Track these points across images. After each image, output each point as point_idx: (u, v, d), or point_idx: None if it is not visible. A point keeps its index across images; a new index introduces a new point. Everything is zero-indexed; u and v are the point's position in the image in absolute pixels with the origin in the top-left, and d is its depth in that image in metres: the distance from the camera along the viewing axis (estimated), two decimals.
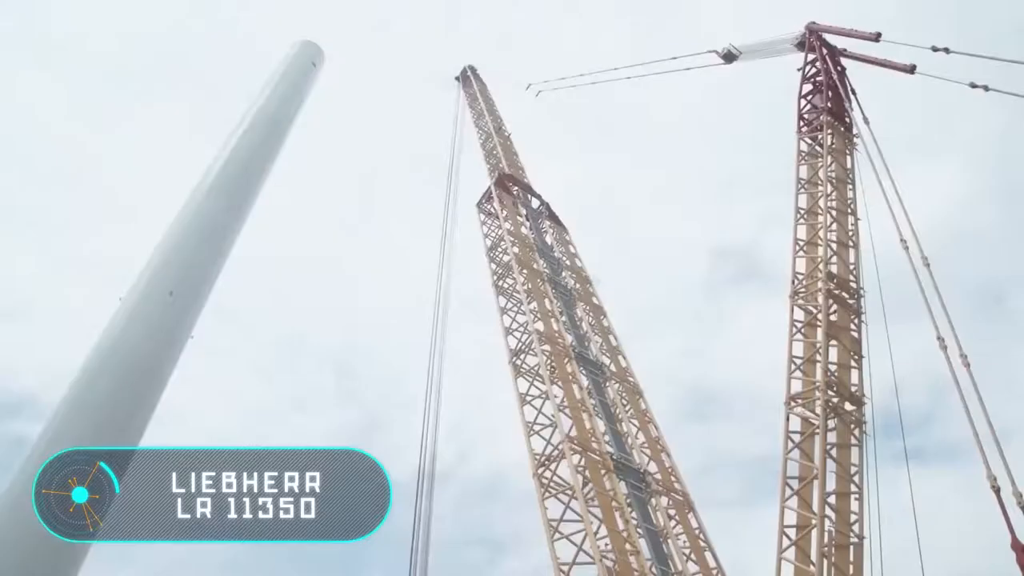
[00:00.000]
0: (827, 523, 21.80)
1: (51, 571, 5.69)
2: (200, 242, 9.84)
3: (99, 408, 7.83)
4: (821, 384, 23.48)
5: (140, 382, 8.54)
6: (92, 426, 7.55)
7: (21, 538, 5.58)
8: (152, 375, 8.72)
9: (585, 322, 33.95)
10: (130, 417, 8.27)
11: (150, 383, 8.70)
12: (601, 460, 28.35)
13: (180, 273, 9.33)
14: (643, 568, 25.89)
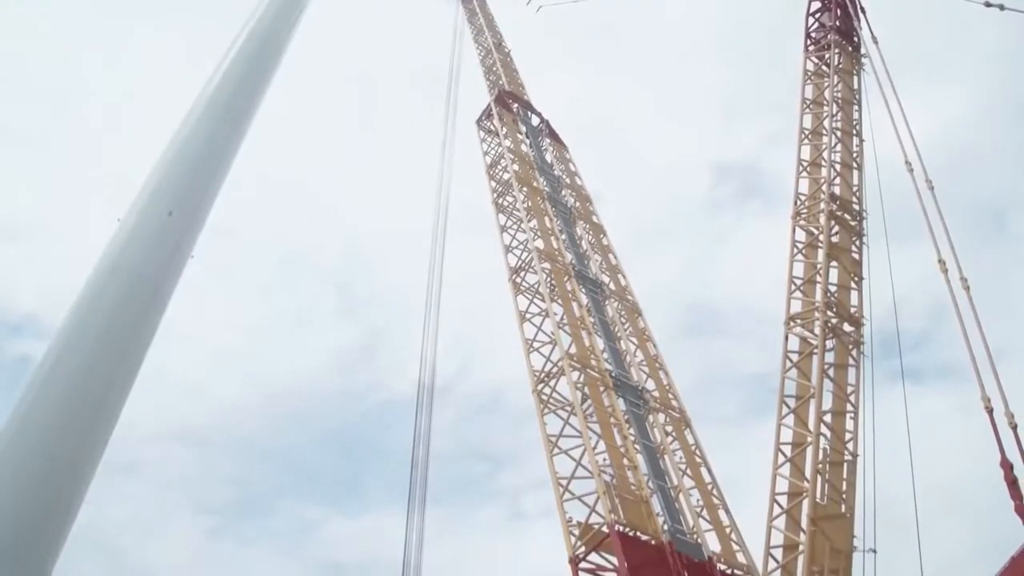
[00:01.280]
0: (822, 441, 22.10)
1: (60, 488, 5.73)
2: (198, 162, 9.74)
3: (101, 329, 7.81)
4: (820, 305, 23.55)
5: (141, 302, 8.51)
6: (95, 347, 7.53)
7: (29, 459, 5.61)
8: (153, 295, 8.68)
9: (585, 240, 33.87)
10: (133, 337, 8.26)
11: (151, 303, 8.68)
12: (600, 377, 28.60)
13: (178, 193, 9.25)
14: (640, 483, 26.31)
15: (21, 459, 5.74)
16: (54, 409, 6.25)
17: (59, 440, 5.98)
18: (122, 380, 7.25)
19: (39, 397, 6.30)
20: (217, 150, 10.09)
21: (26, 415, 6.18)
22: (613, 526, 23.87)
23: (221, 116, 10.40)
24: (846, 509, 21.86)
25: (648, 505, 25.57)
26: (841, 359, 23.38)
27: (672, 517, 26.08)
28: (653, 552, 24.18)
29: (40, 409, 6.19)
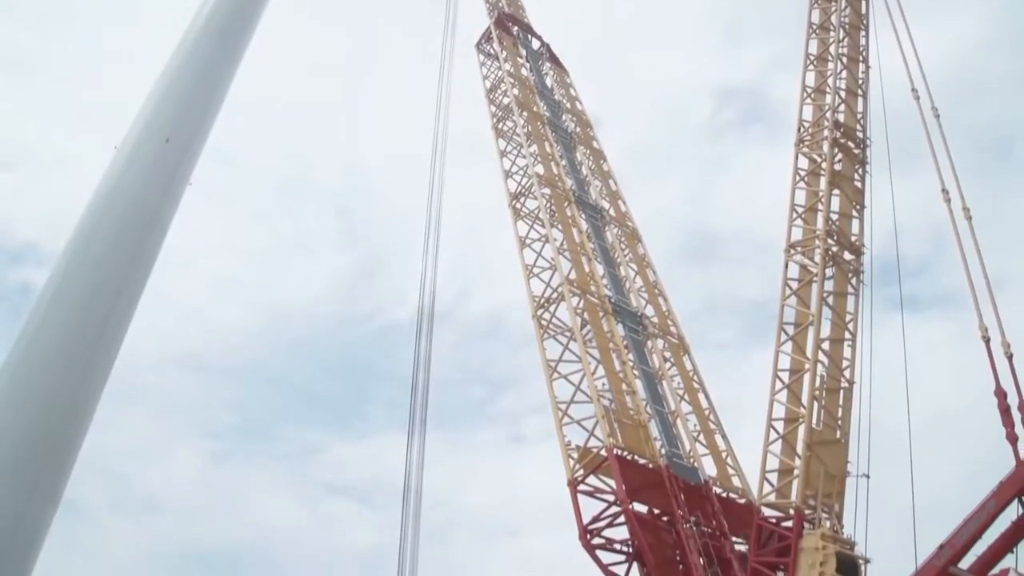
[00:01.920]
0: (820, 368, 22.24)
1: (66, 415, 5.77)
2: (194, 86, 9.59)
3: (102, 256, 7.78)
4: (821, 233, 23.48)
5: (141, 229, 8.48)
6: (96, 274, 7.52)
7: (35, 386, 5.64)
8: (152, 222, 8.65)
9: (585, 166, 33.71)
10: (133, 264, 8.24)
11: (151, 230, 8.64)
12: (599, 303, 28.74)
13: (175, 119, 9.14)
14: (639, 407, 26.64)
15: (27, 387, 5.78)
16: (58, 337, 6.27)
17: (63, 368, 6.00)
18: (124, 307, 7.25)
19: (42, 325, 6.31)
20: (213, 75, 9.95)
21: (30, 343, 6.19)
22: (611, 450, 24.22)
23: (217, 40, 10.22)
24: (841, 435, 22.11)
25: (646, 429, 25.92)
26: (840, 287, 23.40)
27: (669, 441, 26.47)
28: (650, 475, 24.59)
29: (44, 337, 6.21)
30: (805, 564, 20.37)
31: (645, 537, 23.15)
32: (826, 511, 21.42)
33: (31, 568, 4.09)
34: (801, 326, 22.76)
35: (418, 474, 19.50)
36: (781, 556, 21.10)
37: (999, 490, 18.08)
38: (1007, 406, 18.41)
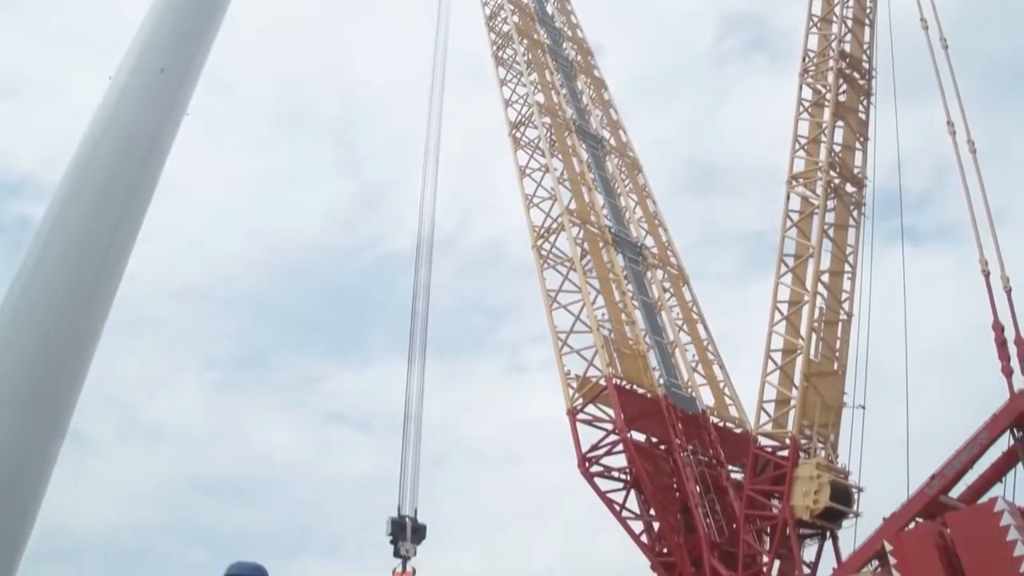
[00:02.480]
0: (819, 300, 22.32)
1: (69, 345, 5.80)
2: (188, 15, 9.41)
3: (100, 187, 7.74)
4: (824, 165, 23.34)
5: (139, 160, 8.41)
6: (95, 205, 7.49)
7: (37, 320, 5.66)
8: (150, 152, 8.57)
9: (585, 95, 33.36)
10: (132, 193, 8.20)
11: (148, 160, 8.57)
12: (600, 233, 28.71)
13: (170, 49, 8.99)
14: (638, 337, 26.80)
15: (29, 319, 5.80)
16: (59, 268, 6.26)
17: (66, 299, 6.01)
18: (124, 237, 7.23)
19: (42, 257, 6.31)
20: (207, 2, 9.76)
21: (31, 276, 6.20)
22: (610, 379, 24.44)
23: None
24: (838, 367, 22.30)
25: (645, 359, 26.12)
26: (842, 219, 23.34)
27: (668, 371, 26.70)
28: (649, 405, 24.85)
29: (45, 269, 6.21)
30: (800, 492, 20.71)
31: (643, 465, 23.48)
32: (821, 441, 21.71)
33: (41, 498, 4.16)
34: (801, 258, 22.78)
35: (418, 401, 19.63)
36: (776, 485, 21.45)
37: (992, 422, 18.29)
38: (1004, 340, 18.53)
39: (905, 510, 18.98)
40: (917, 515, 18.64)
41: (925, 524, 17.88)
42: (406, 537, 17.44)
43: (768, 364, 22.41)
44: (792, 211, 23.48)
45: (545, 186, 29.25)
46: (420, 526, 18.06)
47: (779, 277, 22.96)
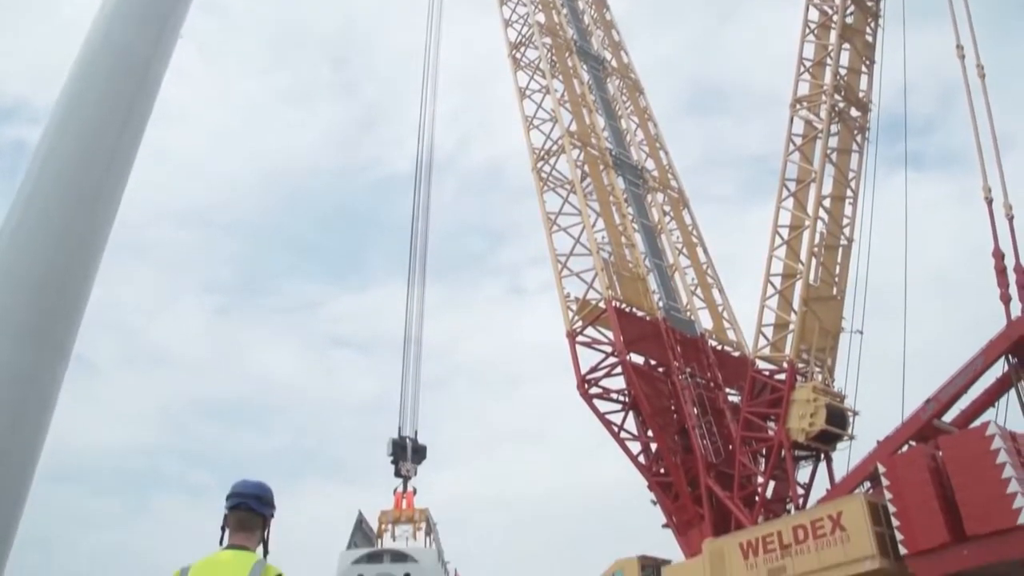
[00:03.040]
0: (820, 225, 22.27)
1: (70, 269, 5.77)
2: None
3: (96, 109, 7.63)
4: (829, 88, 23.01)
5: (134, 82, 8.29)
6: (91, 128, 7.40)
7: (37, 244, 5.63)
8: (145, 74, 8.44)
9: (587, 15, 32.79)
10: (128, 117, 8.11)
11: (144, 82, 8.44)
12: (600, 155, 28.51)
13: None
14: (637, 260, 26.82)
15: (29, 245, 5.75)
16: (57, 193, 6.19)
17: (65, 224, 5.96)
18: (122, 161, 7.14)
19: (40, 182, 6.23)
20: None
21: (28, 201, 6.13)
22: (610, 302, 24.56)
23: None
24: (837, 292, 22.35)
25: (644, 282, 26.19)
26: (845, 144, 23.12)
27: (667, 295, 26.81)
28: (648, 327, 25.01)
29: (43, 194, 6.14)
30: (796, 415, 20.95)
31: (641, 387, 23.73)
32: (819, 365, 21.90)
33: (47, 424, 4.20)
34: (803, 182, 22.65)
35: (418, 323, 19.77)
36: (773, 407, 21.70)
37: (988, 348, 18.42)
38: (1003, 267, 18.55)
39: (899, 433, 19.24)
40: (910, 438, 18.90)
41: (918, 447, 18.13)
42: (407, 458, 17.74)
43: (767, 288, 22.47)
44: (795, 135, 23.27)
45: (545, 108, 28.98)
46: (420, 447, 18.38)
47: (780, 201, 22.87)
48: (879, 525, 17.61)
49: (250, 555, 3.12)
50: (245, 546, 3.16)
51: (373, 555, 15.39)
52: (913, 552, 16.76)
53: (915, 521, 16.76)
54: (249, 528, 3.21)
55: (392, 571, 14.76)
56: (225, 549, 3.17)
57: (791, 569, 18.72)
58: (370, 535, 16.29)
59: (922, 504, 16.68)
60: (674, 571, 21.90)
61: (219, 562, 3.08)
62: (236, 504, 3.25)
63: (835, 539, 18.09)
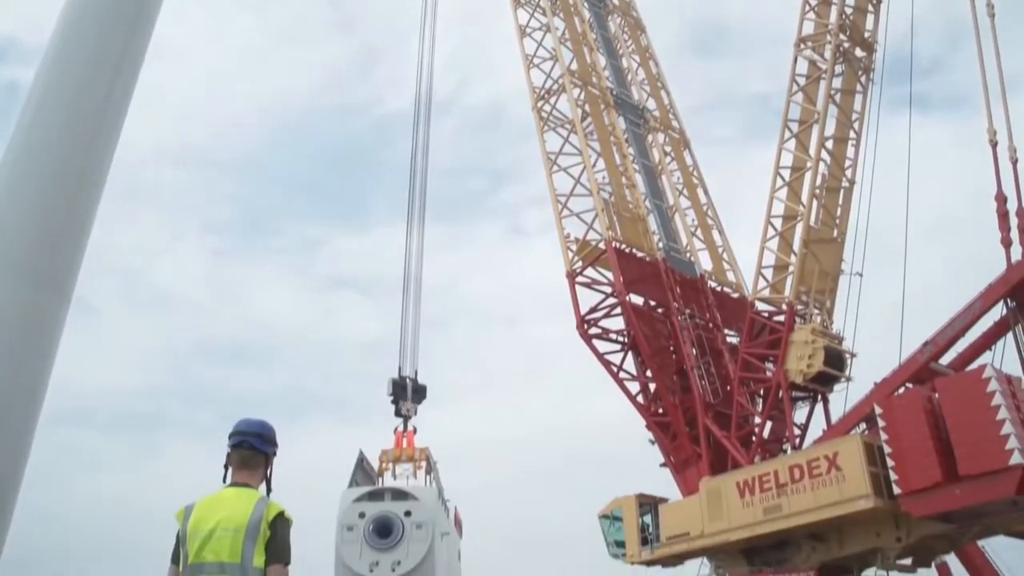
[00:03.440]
0: (821, 166, 22.13)
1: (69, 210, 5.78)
2: None
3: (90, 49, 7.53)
4: (834, 27, 22.69)
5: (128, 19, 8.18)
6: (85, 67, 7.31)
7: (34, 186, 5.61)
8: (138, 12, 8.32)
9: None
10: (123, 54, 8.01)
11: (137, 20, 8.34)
12: (601, 95, 28.26)
13: None
14: (638, 201, 26.75)
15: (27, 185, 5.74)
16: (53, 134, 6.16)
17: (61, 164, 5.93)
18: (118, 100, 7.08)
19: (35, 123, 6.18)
20: None
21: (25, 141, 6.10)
22: (610, 242, 24.56)
23: None
24: (838, 234, 22.30)
25: (644, 223, 26.17)
26: (849, 85, 22.87)
27: (667, 235, 26.80)
28: (647, 268, 25.05)
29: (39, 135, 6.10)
30: (794, 356, 21.06)
31: (640, 327, 23.85)
32: (817, 307, 21.94)
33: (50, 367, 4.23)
34: (806, 123, 22.46)
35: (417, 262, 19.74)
36: (771, 349, 21.81)
37: (987, 291, 18.45)
38: (1006, 211, 18.50)
39: (896, 375, 19.36)
40: (907, 381, 19.03)
41: (914, 389, 18.28)
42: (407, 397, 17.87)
43: (768, 230, 22.42)
44: (799, 75, 23.01)
45: (546, 46, 28.66)
46: (420, 386, 18.49)
47: (782, 142, 22.71)
48: (874, 465, 17.84)
49: (253, 492, 3.16)
50: (248, 484, 3.20)
51: (374, 493, 15.56)
52: (906, 492, 17.00)
53: (909, 461, 16.97)
54: (251, 466, 3.25)
55: (393, 509, 14.94)
56: (228, 487, 3.21)
57: (787, 508, 19.01)
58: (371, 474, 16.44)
59: (917, 445, 16.87)
60: (671, 509, 22.22)
61: (222, 499, 3.13)
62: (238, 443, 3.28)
63: (830, 479, 18.33)
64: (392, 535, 14.50)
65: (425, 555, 14.51)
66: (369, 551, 14.48)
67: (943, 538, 19.09)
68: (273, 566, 2.92)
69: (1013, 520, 17.80)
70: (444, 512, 16.36)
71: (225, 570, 2.92)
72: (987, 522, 18.15)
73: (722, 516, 20.31)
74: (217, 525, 3.00)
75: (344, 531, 14.77)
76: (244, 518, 3.00)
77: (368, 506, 14.82)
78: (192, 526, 3.05)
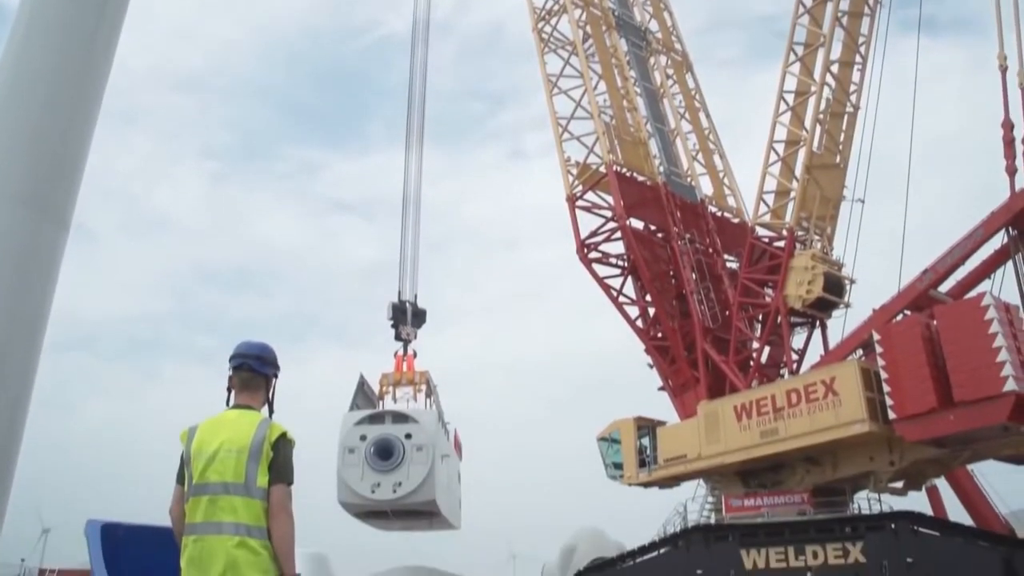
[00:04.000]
0: (826, 91, 21.86)
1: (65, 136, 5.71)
2: None
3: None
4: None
5: None
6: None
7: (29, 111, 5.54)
8: None
9: None
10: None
11: None
12: (602, 16, 27.78)
13: None
14: (639, 125, 26.50)
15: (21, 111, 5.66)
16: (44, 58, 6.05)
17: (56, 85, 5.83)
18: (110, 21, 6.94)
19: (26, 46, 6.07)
20: None
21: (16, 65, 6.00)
22: (611, 166, 24.42)
23: None
24: (840, 160, 22.13)
25: (645, 147, 25.98)
26: (856, 7, 22.39)
27: (668, 160, 26.63)
28: (648, 192, 24.95)
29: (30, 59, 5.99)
30: (794, 282, 21.12)
31: (640, 252, 23.86)
32: (818, 233, 21.92)
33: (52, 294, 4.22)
34: (811, 47, 22.11)
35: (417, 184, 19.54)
36: (771, 274, 21.87)
37: (990, 219, 18.42)
38: (1012, 138, 18.34)
39: (895, 302, 19.46)
40: (906, 308, 19.14)
41: (913, 316, 18.37)
42: (406, 321, 17.83)
43: (770, 155, 22.26)
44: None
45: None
46: (420, 310, 18.41)
47: (787, 66, 22.40)
48: (870, 390, 18.07)
49: (255, 414, 3.19)
50: (250, 406, 3.22)
51: (375, 416, 15.69)
52: (901, 416, 17.26)
53: (905, 387, 17.18)
54: (252, 388, 3.27)
55: (393, 431, 15.09)
56: (231, 409, 3.24)
57: (783, 431, 19.31)
58: (371, 397, 16.54)
59: (913, 371, 17.06)
60: (669, 432, 22.55)
61: (224, 421, 3.15)
62: (238, 365, 3.30)
63: (827, 403, 18.58)
64: (393, 457, 14.66)
65: (425, 477, 14.72)
66: (370, 473, 14.66)
67: (934, 462, 19.45)
68: (276, 486, 2.97)
69: (1003, 445, 18.10)
70: (444, 435, 16.51)
71: (229, 490, 2.96)
72: (978, 447, 18.48)
73: (719, 439, 20.62)
74: (221, 446, 3.03)
75: (345, 453, 14.94)
76: (247, 439, 3.03)
77: (369, 429, 14.94)
78: (196, 447, 3.08)
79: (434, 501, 15.09)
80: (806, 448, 19.22)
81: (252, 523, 2.94)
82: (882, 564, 18.02)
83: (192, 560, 2.91)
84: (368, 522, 16.73)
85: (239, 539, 2.90)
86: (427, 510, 15.53)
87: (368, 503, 15.33)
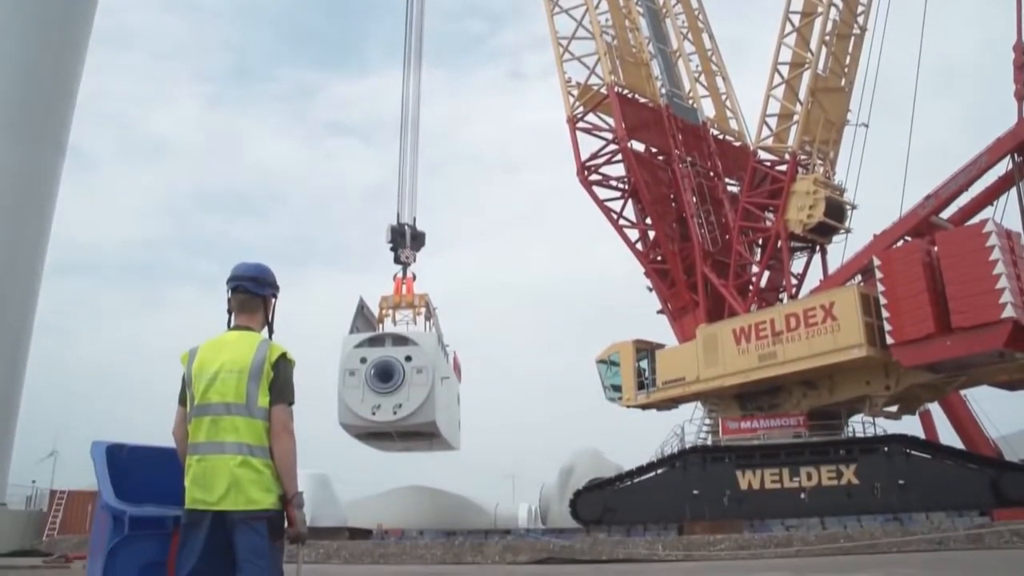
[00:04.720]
0: (833, 12, 21.46)
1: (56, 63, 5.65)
2: None
3: None
4: None
5: None
6: None
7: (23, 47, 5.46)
8: None
9: None
10: None
11: None
12: None
13: None
14: (641, 45, 26.08)
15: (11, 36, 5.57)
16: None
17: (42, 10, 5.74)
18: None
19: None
20: None
21: None
22: (612, 87, 24.12)
23: None
24: (845, 83, 21.82)
25: (647, 68, 25.61)
26: None
27: (670, 81, 26.26)
28: (650, 114, 24.67)
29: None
30: (795, 206, 21.04)
31: (641, 174, 23.71)
32: (821, 157, 21.76)
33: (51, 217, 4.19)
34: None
35: (415, 106, 19.31)
36: (772, 198, 21.76)
37: (995, 145, 18.26)
38: (1023, 62, 18.05)
39: (896, 228, 19.41)
40: (907, 234, 19.09)
41: (913, 242, 18.35)
42: (405, 244, 17.85)
43: (774, 77, 21.94)
44: None
45: None
46: (419, 233, 18.44)
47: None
48: (869, 315, 18.15)
49: (254, 335, 3.19)
50: (249, 327, 3.22)
51: (375, 339, 15.80)
52: (899, 342, 17.36)
53: (904, 312, 17.25)
54: (250, 309, 3.27)
55: (393, 354, 15.20)
56: (231, 331, 3.24)
57: (781, 355, 19.45)
58: (371, 320, 16.63)
59: (913, 296, 17.11)
60: (668, 355, 22.70)
61: (225, 342, 3.15)
62: (234, 287, 3.29)
63: (826, 328, 18.68)
64: (393, 379, 14.82)
65: (425, 398, 14.86)
66: (371, 395, 14.83)
67: (929, 387, 19.64)
68: (277, 406, 2.98)
69: (997, 371, 18.26)
70: (444, 357, 16.65)
71: (231, 410, 2.98)
72: (973, 373, 18.64)
73: (717, 362, 20.77)
74: (221, 367, 3.04)
75: (346, 376, 15.09)
76: (247, 360, 3.04)
77: (369, 351, 15.08)
78: (197, 368, 3.09)
79: (434, 423, 15.29)
80: (804, 372, 19.37)
81: (254, 442, 2.97)
82: (874, 486, 18.34)
83: (196, 479, 2.94)
84: (369, 443, 16.96)
85: (242, 458, 2.93)
86: (427, 431, 15.74)
87: (369, 424, 15.51)
